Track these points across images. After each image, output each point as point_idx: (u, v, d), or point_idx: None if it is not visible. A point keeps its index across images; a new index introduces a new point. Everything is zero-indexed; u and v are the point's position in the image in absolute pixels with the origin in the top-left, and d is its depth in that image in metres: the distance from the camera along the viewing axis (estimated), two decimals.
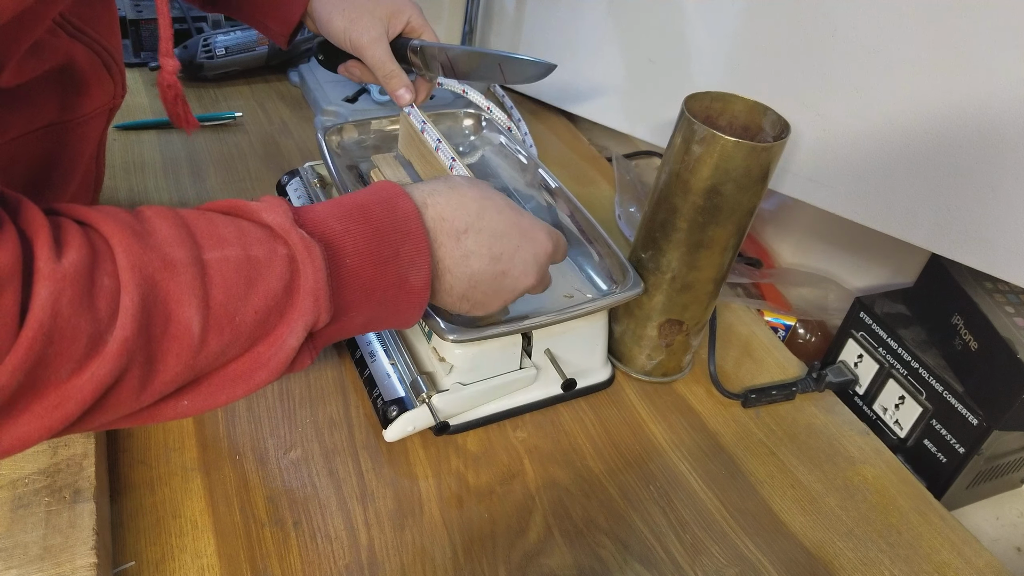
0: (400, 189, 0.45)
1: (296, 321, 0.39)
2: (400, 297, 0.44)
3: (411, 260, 0.43)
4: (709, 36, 0.76)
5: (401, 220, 0.43)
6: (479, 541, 0.50)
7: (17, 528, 0.42)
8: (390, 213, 0.43)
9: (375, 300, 0.43)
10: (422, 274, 0.44)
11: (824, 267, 0.84)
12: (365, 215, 0.42)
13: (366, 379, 0.57)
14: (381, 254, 0.42)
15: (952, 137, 0.60)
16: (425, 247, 0.43)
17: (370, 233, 0.42)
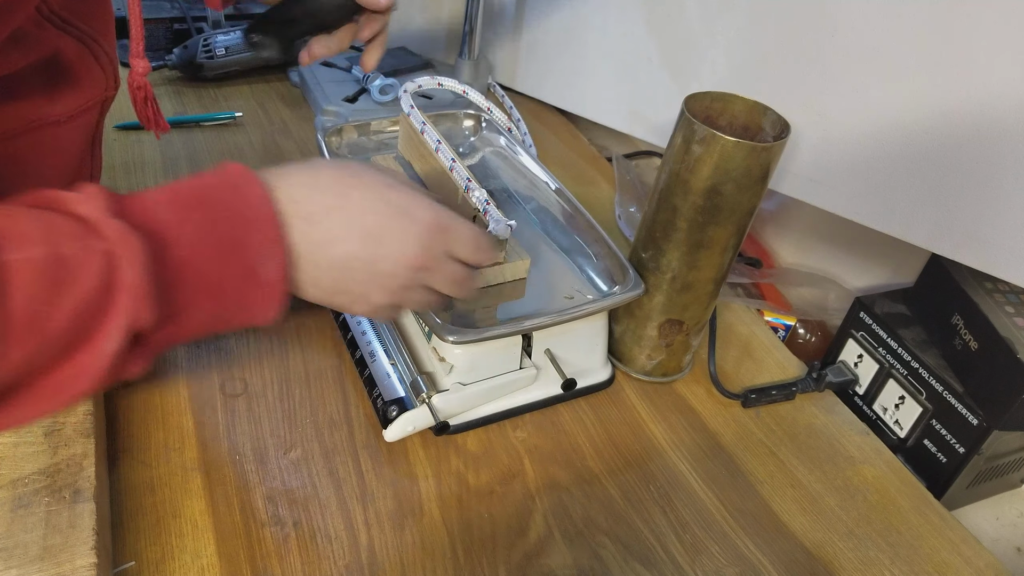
0: (248, 172, 0.40)
1: (114, 324, 0.35)
2: (250, 292, 0.39)
3: (260, 249, 0.39)
4: (709, 36, 0.76)
5: (247, 205, 0.39)
6: (479, 541, 0.50)
7: (17, 528, 0.42)
8: (234, 198, 0.39)
9: (218, 296, 0.38)
10: (276, 265, 0.39)
11: (824, 267, 0.84)
12: (203, 201, 0.38)
13: (366, 379, 0.57)
14: (222, 244, 0.38)
15: (952, 137, 0.60)
16: (277, 234, 0.39)
17: (208, 221, 0.38)
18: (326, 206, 0.41)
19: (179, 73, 0.97)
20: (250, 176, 0.40)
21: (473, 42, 0.97)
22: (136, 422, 0.53)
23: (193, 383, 0.57)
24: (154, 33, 1.00)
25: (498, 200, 0.66)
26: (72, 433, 0.47)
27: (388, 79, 0.92)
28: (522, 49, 1.00)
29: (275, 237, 0.39)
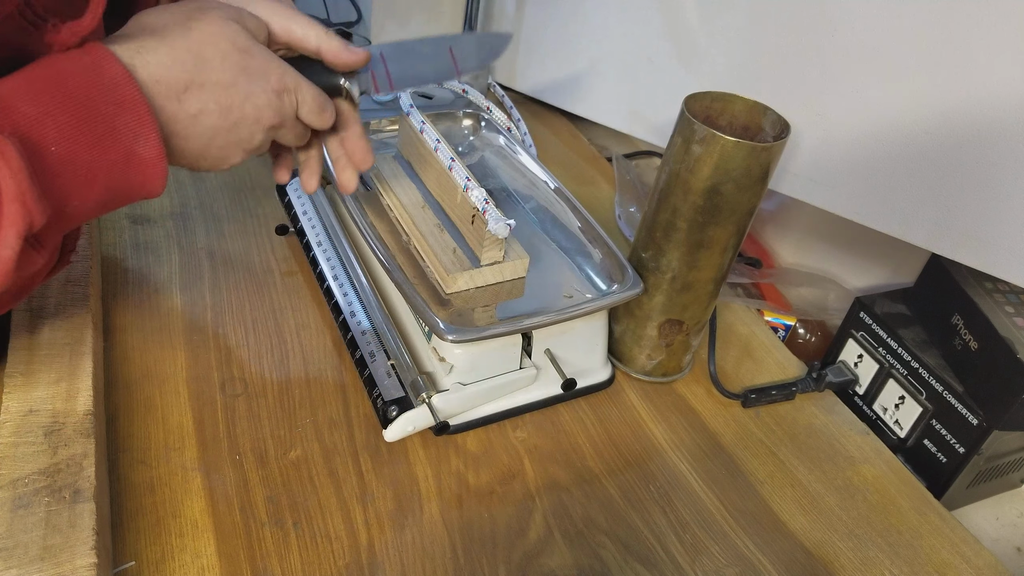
0: (103, 49, 0.39)
1: (6, 232, 0.36)
2: (132, 172, 0.40)
3: (134, 132, 0.39)
4: (709, 36, 0.76)
5: (110, 88, 0.38)
6: (479, 541, 0.50)
7: (17, 528, 0.42)
8: (95, 81, 0.38)
9: (101, 182, 0.39)
10: (152, 144, 0.40)
11: (824, 267, 0.84)
12: (64, 89, 0.37)
13: (366, 379, 0.57)
14: (94, 133, 0.38)
15: (952, 137, 0.60)
16: (147, 114, 0.39)
17: (73, 111, 0.37)
18: (187, 82, 0.41)
19: None
20: (105, 53, 0.39)
21: None
22: (136, 422, 0.53)
23: (193, 383, 0.57)
24: None
25: (497, 199, 0.66)
26: (72, 433, 0.47)
27: None
28: (522, 49, 1.00)
29: (145, 117, 0.39)
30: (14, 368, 0.51)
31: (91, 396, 0.50)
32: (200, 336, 0.61)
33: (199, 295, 0.65)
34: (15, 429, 0.47)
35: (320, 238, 0.68)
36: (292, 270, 0.69)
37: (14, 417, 0.48)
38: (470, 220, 0.57)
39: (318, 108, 0.48)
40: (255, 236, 0.72)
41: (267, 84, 0.45)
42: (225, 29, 0.43)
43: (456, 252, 0.57)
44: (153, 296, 0.64)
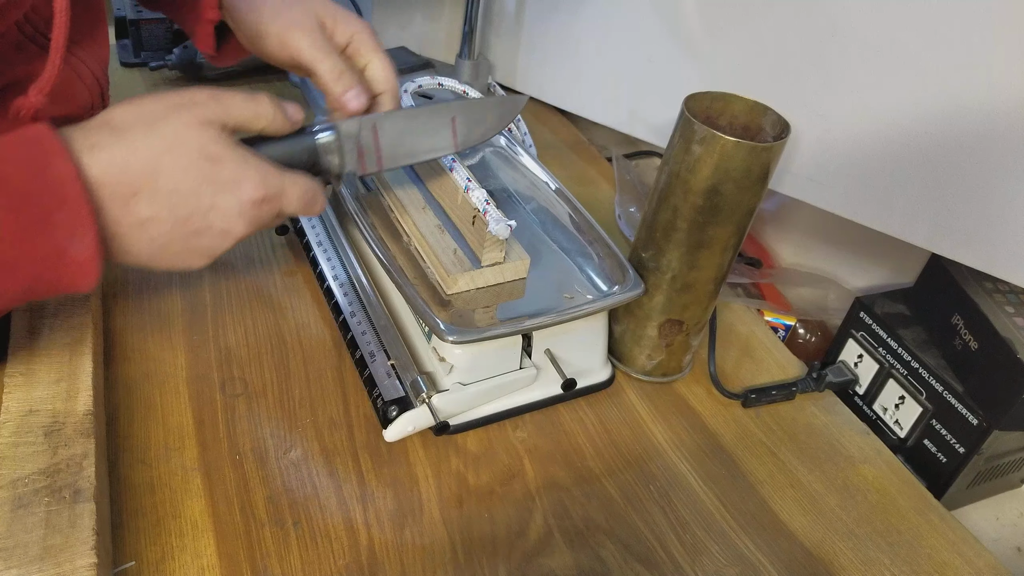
0: (54, 140, 0.37)
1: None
2: (60, 271, 0.37)
3: (69, 231, 0.36)
4: (709, 36, 0.76)
5: (53, 184, 0.36)
6: (479, 541, 0.50)
7: (17, 528, 0.42)
8: (38, 175, 0.36)
9: (22, 275, 0.37)
10: (87, 246, 0.37)
11: (824, 267, 0.84)
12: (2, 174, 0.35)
13: (366, 379, 0.57)
14: (25, 225, 0.36)
15: (952, 137, 0.60)
16: (87, 216, 0.37)
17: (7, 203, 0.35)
18: (137, 187, 0.38)
19: (179, 73, 0.97)
20: (55, 146, 0.37)
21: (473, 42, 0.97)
22: (136, 422, 0.53)
23: (193, 383, 0.57)
24: (154, 33, 1.00)
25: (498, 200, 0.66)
26: (72, 433, 0.47)
27: None
28: (522, 49, 1.00)
29: (84, 218, 0.37)
30: (14, 368, 0.51)
31: (91, 396, 0.50)
32: (200, 336, 0.61)
33: (199, 295, 0.65)
34: (15, 429, 0.47)
35: (320, 238, 0.68)
36: (292, 270, 0.69)
37: (14, 417, 0.48)
38: (471, 221, 0.57)
39: (306, 204, 0.45)
40: (255, 236, 0.72)
41: (239, 195, 0.41)
42: (196, 133, 0.40)
43: (457, 253, 0.57)
44: (153, 296, 0.64)
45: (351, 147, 0.46)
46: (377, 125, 0.46)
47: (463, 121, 0.49)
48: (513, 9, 0.99)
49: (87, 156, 0.38)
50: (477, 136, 0.51)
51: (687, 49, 0.78)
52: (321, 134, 0.45)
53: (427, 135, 0.48)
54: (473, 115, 0.50)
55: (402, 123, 0.47)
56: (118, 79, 0.97)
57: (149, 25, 0.99)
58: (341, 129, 0.45)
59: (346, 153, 0.46)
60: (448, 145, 0.50)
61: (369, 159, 0.47)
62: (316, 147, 0.44)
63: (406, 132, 0.48)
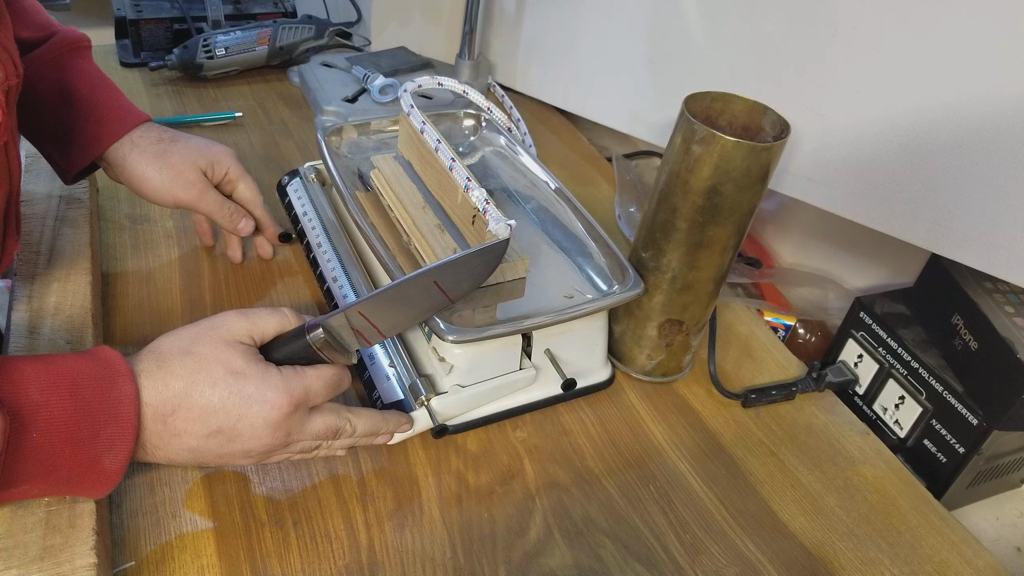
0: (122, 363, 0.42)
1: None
2: (89, 476, 0.41)
3: (109, 444, 0.41)
4: (709, 36, 0.76)
5: (114, 402, 0.40)
6: (479, 541, 0.50)
7: (17, 528, 0.42)
8: (104, 394, 0.40)
9: (58, 477, 0.40)
10: (119, 459, 0.41)
11: (824, 267, 0.84)
12: (73, 390, 0.40)
13: (366, 381, 0.57)
14: (79, 434, 0.40)
15: (952, 137, 0.60)
16: (130, 434, 0.41)
17: (72, 411, 0.39)
18: (174, 407, 0.43)
19: (179, 73, 0.97)
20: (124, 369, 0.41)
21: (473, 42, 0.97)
22: None
23: None
24: (154, 33, 1.00)
25: (498, 200, 0.67)
26: None
27: (388, 79, 0.92)
28: (522, 49, 1.00)
29: (127, 435, 0.41)
30: None
31: None
32: None
33: (199, 295, 0.65)
34: None
35: (320, 239, 0.68)
36: (292, 270, 0.69)
37: None
38: (471, 220, 0.57)
39: (332, 390, 0.48)
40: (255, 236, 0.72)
41: (267, 409, 0.44)
42: (222, 352, 0.44)
43: (457, 252, 0.57)
44: (153, 296, 0.64)
45: (348, 334, 0.48)
46: (363, 312, 0.48)
47: (447, 279, 0.50)
48: (513, 9, 0.99)
49: (142, 381, 0.42)
50: (468, 286, 0.52)
51: (687, 49, 0.78)
52: (313, 335, 0.46)
53: (417, 302, 0.50)
54: (455, 272, 0.50)
55: (387, 302, 0.49)
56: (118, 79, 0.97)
57: (149, 25, 0.99)
58: (331, 326, 0.47)
59: (345, 340, 0.48)
60: (442, 303, 0.51)
61: (370, 335, 0.49)
62: (311, 347, 0.46)
63: (395, 307, 0.49)
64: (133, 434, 0.41)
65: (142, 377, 0.42)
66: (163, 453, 0.44)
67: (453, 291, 0.50)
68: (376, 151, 0.71)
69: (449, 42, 1.07)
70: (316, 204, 0.70)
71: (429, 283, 0.49)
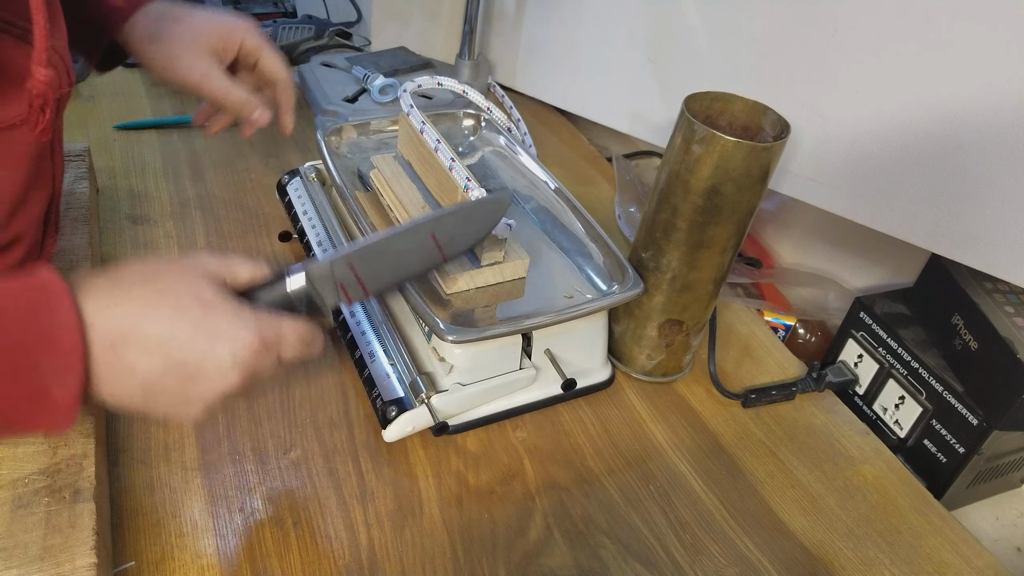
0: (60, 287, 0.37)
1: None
2: (38, 410, 0.37)
3: (55, 373, 0.36)
4: (709, 36, 0.76)
5: (51, 330, 0.36)
6: (479, 541, 0.50)
7: (17, 528, 0.42)
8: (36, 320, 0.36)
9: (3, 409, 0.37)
10: (70, 390, 0.37)
11: (824, 267, 0.84)
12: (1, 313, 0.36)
13: (365, 379, 0.57)
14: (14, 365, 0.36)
15: (952, 137, 0.60)
16: (77, 361, 0.37)
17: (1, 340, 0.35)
18: (124, 333, 0.38)
19: None
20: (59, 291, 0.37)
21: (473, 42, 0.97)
22: (136, 422, 0.53)
23: None
24: None
25: None
26: (72, 433, 0.47)
27: (388, 79, 0.92)
28: (522, 49, 1.00)
29: (73, 363, 0.37)
30: None
31: None
32: None
33: None
34: None
35: (320, 238, 0.68)
36: None
37: None
38: None
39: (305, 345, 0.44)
40: (255, 236, 0.72)
41: (236, 345, 0.40)
42: (193, 283, 0.40)
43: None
44: None
45: (329, 287, 0.44)
46: (351, 262, 0.44)
47: (443, 233, 0.47)
48: (513, 9, 0.99)
49: (85, 303, 0.38)
50: (464, 243, 0.49)
51: (687, 49, 0.78)
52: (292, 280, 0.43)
53: (408, 256, 0.47)
54: (455, 223, 0.47)
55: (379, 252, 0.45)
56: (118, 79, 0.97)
57: None
58: (312, 274, 0.44)
59: (324, 293, 0.44)
60: (435, 259, 0.47)
61: (353, 291, 0.45)
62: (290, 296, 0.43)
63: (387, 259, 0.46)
64: (80, 361, 0.37)
65: (88, 296, 0.38)
66: (111, 388, 0.39)
67: (448, 247, 0.47)
68: (376, 151, 0.71)
69: (449, 42, 1.07)
70: (316, 204, 0.70)
71: (425, 235, 0.46)
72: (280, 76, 0.63)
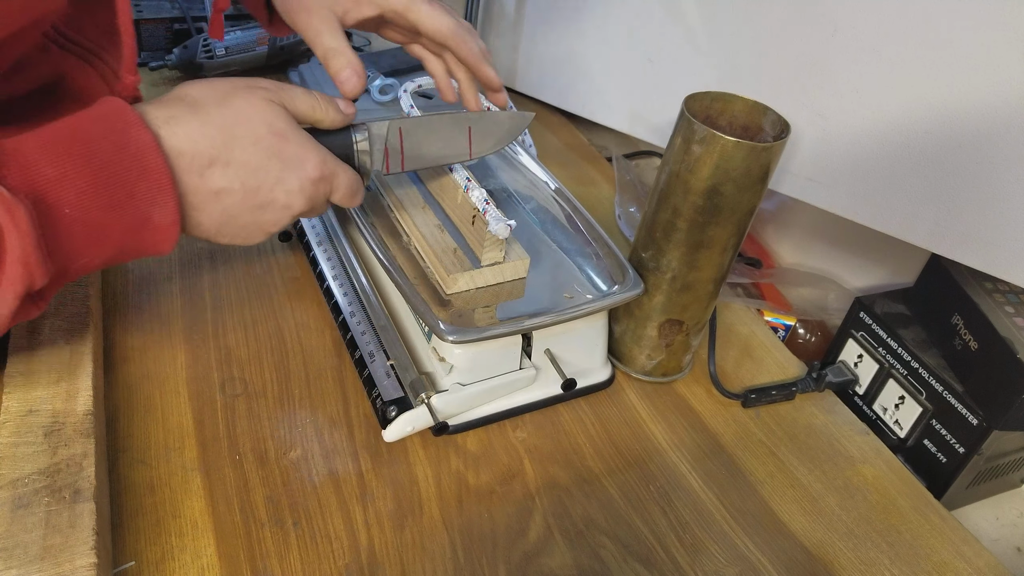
0: (131, 113, 0.39)
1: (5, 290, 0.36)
2: (144, 237, 0.40)
3: (151, 199, 0.39)
4: (709, 36, 0.76)
5: (134, 155, 0.38)
6: (479, 541, 0.50)
7: (17, 528, 0.42)
8: (120, 147, 0.38)
9: (111, 244, 0.39)
10: (167, 212, 0.39)
11: (824, 267, 0.84)
12: (87, 152, 0.37)
13: (365, 379, 0.57)
14: (112, 198, 0.38)
15: (952, 137, 0.60)
16: (168, 184, 0.39)
17: (93, 175, 0.37)
18: (212, 158, 0.40)
19: (179, 73, 0.97)
20: (133, 119, 0.38)
21: None
22: (136, 422, 0.53)
23: (193, 383, 0.57)
24: (154, 33, 1.00)
25: (498, 200, 0.66)
26: (72, 433, 0.47)
27: (388, 79, 0.92)
28: (522, 49, 1.00)
29: (165, 186, 0.39)
30: (14, 368, 0.51)
31: (91, 396, 0.50)
32: (200, 336, 0.61)
33: (199, 295, 0.65)
34: (15, 429, 0.47)
35: (320, 238, 0.68)
36: (292, 270, 0.69)
37: (14, 417, 0.48)
38: (470, 220, 0.57)
39: (351, 193, 0.48)
40: None
41: (303, 172, 0.44)
42: (264, 110, 0.42)
43: (456, 252, 0.57)
44: (153, 296, 0.64)
45: (379, 147, 0.49)
46: (403, 129, 0.50)
47: (478, 131, 0.52)
48: (513, 9, 0.99)
49: (164, 128, 0.39)
50: (489, 147, 0.54)
51: (687, 49, 0.78)
52: (356, 134, 0.48)
53: (446, 141, 0.52)
54: (487, 126, 0.53)
55: (425, 128, 0.51)
56: None
57: (149, 25, 0.99)
58: (372, 131, 0.49)
59: (375, 153, 0.49)
60: (463, 152, 0.53)
61: (394, 160, 0.50)
62: (353, 145, 0.48)
63: (428, 136, 0.51)
64: (170, 182, 0.39)
65: (172, 123, 0.40)
66: (203, 216, 0.42)
67: (477, 145, 0.53)
68: None
69: None
70: None
71: (464, 126, 0.52)
72: (445, 30, 0.54)
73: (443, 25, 0.53)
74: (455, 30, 0.54)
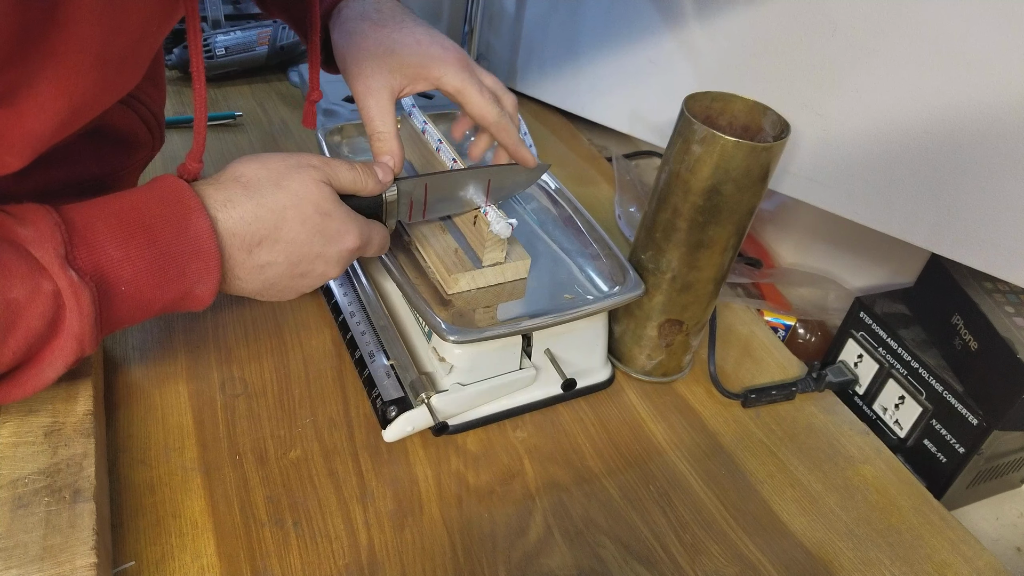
0: (193, 198, 0.42)
1: (57, 359, 0.39)
2: (182, 305, 0.44)
3: (198, 278, 0.42)
4: (709, 36, 0.76)
5: (192, 239, 0.41)
6: (479, 541, 0.50)
7: (17, 528, 0.42)
8: (180, 231, 0.41)
9: (152, 312, 0.43)
10: (209, 287, 0.43)
11: (824, 267, 0.84)
12: (150, 237, 0.40)
13: (365, 379, 0.57)
14: (164, 276, 0.41)
15: (952, 137, 0.60)
16: (216, 265, 0.42)
17: (153, 257, 0.40)
18: (261, 238, 0.44)
19: (179, 73, 0.97)
20: (195, 204, 0.41)
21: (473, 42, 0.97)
22: (136, 422, 0.53)
23: (193, 383, 0.57)
24: None
25: None
26: (72, 433, 0.47)
27: None
28: (522, 49, 1.00)
29: (212, 267, 0.42)
30: None
31: (91, 396, 0.50)
32: (200, 336, 0.61)
33: None
34: (15, 429, 0.47)
35: None
36: None
37: (14, 417, 0.48)
38: (472, 221, 0.57)
39: (381, 249, 0.52)
40: None
41: (343, 245, 0.47)
42: (314, 191, 0.45)
43: (458, 253, 0.57)
44: None
45: (405, 201, 0.53)
46: (428, 184, 0.53)
47: (496, 181, 0.56)
48: (513, 9, 0.99)
49: (221, 212, 0.43)
50: (504, 194, 0.58)
51: (687, 49, 0.78)
52: (387, 193, 0.52)
53: (465, 192, 0.56)
54: (506, 178, 0.57)
55: (449, 183, 0.55)
56: None
57: None
58: (401, 188, 0.52)
59: (401, 206, 0.53)
60: (480, 201, 0.57)
61: (416, 210, 0.55)
62: (383, 204, 0.52)
63: (450, 190, 0.55)
64: (218, 263, 0.42)
65: (228, 207, 0.43)
66: (241, 284, 0.45)
67: (494, 195, 0.56)
68: None
69: None
70: None
71: (485, 178, 0.55)
72: (489, 120, 0.55)
73: (487, 115, 0.55)
74: (498, 121, 0.56)
